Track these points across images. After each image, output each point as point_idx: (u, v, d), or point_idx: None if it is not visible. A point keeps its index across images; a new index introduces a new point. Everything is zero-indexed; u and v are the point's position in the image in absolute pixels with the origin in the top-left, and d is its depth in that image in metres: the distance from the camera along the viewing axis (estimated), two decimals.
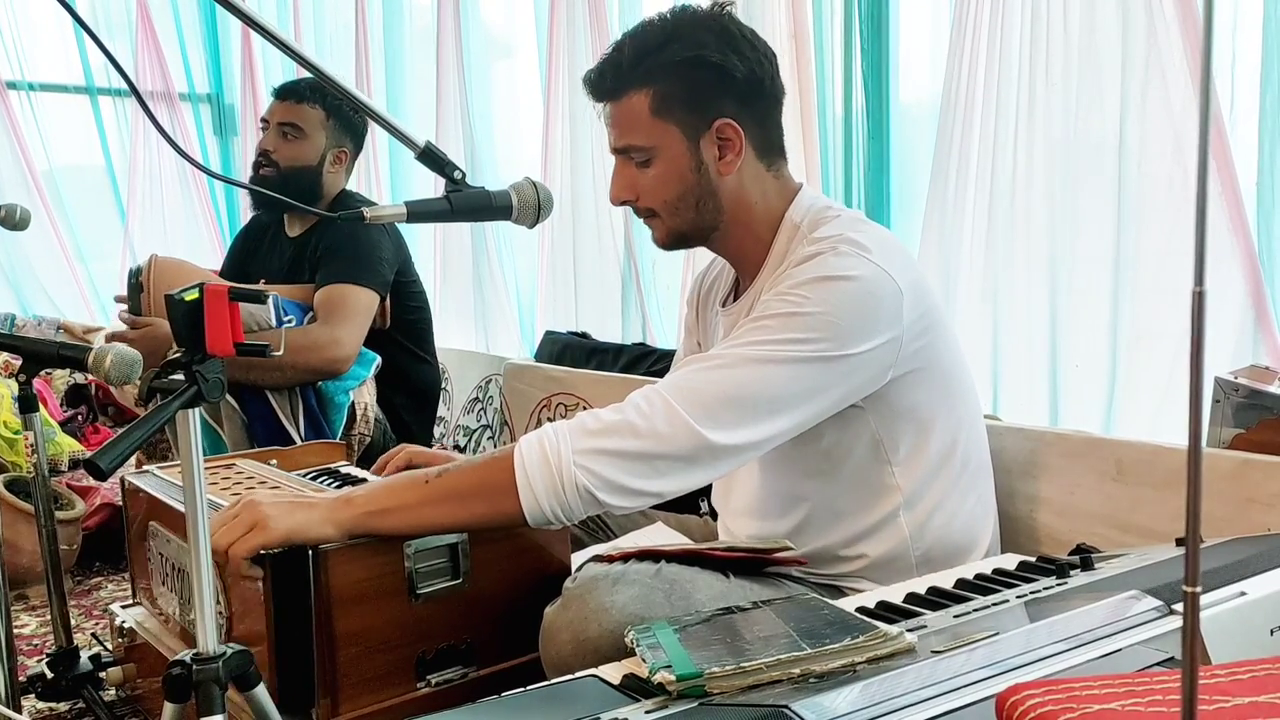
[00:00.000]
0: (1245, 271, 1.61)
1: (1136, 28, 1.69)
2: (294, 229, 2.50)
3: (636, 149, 1.37)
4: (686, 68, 1.34)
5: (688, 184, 1.38)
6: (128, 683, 1.67)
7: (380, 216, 1.21)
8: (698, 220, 1.40)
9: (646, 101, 1.35)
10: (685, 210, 1.39)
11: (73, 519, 2.55)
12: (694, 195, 1.38)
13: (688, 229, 1.41)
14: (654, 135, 1.36)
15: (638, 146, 1.37)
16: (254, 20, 1.15)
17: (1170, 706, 0.58)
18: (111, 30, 4.60)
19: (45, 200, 4.38)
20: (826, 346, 1.24)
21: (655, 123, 1.35)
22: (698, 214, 1.39)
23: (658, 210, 1.40)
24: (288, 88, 2.46)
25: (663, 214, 1.40)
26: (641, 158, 1.37)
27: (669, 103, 1.35)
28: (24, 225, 2.00)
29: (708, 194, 1.39)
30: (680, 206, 1.39)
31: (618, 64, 1.36)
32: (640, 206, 1.41)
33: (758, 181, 1.41)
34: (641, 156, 1.37)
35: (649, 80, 1.34)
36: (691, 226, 1.41)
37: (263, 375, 2.11)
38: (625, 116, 1.37)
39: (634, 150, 1.37)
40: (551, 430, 1.23)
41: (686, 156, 1.37)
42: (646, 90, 1.35)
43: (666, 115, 1.35)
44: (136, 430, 0.99)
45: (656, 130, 1.36)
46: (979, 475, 1.46)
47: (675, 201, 1.39)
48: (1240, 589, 0.95)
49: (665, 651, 0.91)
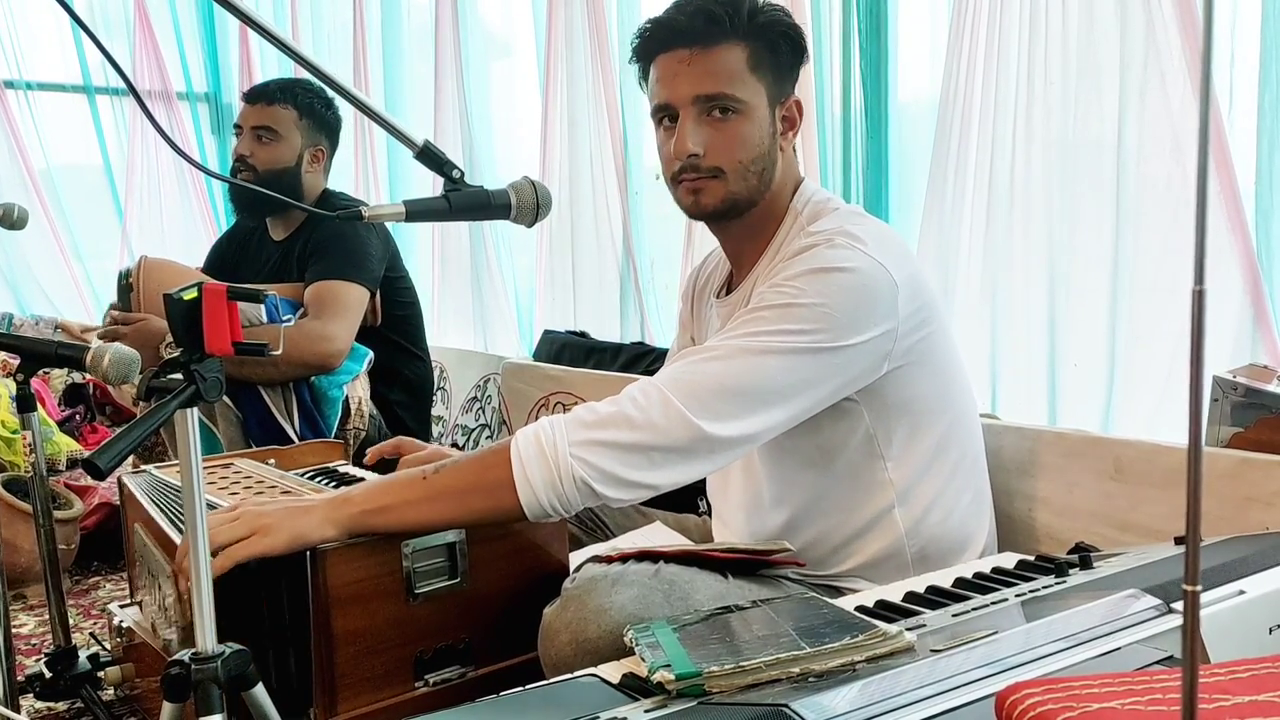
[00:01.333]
0: (1244, 270, 1.61)
1: (1135, 27, 1.69)
2: (278, 233, 2.50)
3: (731, 99, 1.34)
4: (778, 35, 1.36)
5: (762, 148, 1.37)
6: (126, 682, 1.67)
7: (379, 215, 1.20)
8: (757, 188, 1.39)
9: (744, 56, 1.35)
10: (752, 175, 1.38)
11: (71, 518, 2.54)
12: (763, 161, 1.38)
13: (744, 196, 1.38)
14: (749, 90, 1.35)
15: (733, 97, 1.34)
16: (252, 19, 1.15)
17: (1170, 705, 0.58)
18: (109, 29, 4.59)
19: (43, 199, 4.37)
20: (822, 338, 1.24)
21: (751, 78, 1.35)
22: (759, 181, 1.39)
23: (726, 169, 1.36)
24: (257, 91, 2.46)
25: (730, 174, 1.37)
26: (730, 108, 1.34)
27: (763, 63, 1.36)
28: (21, 224, 1.99)
29: (771, 163, 1.39)
30: (750, 170, 1.37)
31: (711, 13, 1.34)
32: (706, 164, 1.36)
33: (789, 161, 1.43)
34: (731, 107, 1.34)
35: (749, 36, 1.35)
36: (748, 194, 1.39)
37: (256, 371, 2.11)
38: (721, 65, 1.34)
39: (728, 100, 1.34)
40: (548, 423, 1.23)
41: (768, 120, 1.37)
42: (745, 45, 1.35)
43: (760, 75, 1.36)
44: (135, 429, 0.99)
45: (751, 86, 1.35)
46: (974, 471, 1.47)
47: (748, 163, 1.37)
48: (1239, 587, 0.95)
49: (664, 651, 0.91)
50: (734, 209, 1.39)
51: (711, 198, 1.38)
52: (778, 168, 1.40)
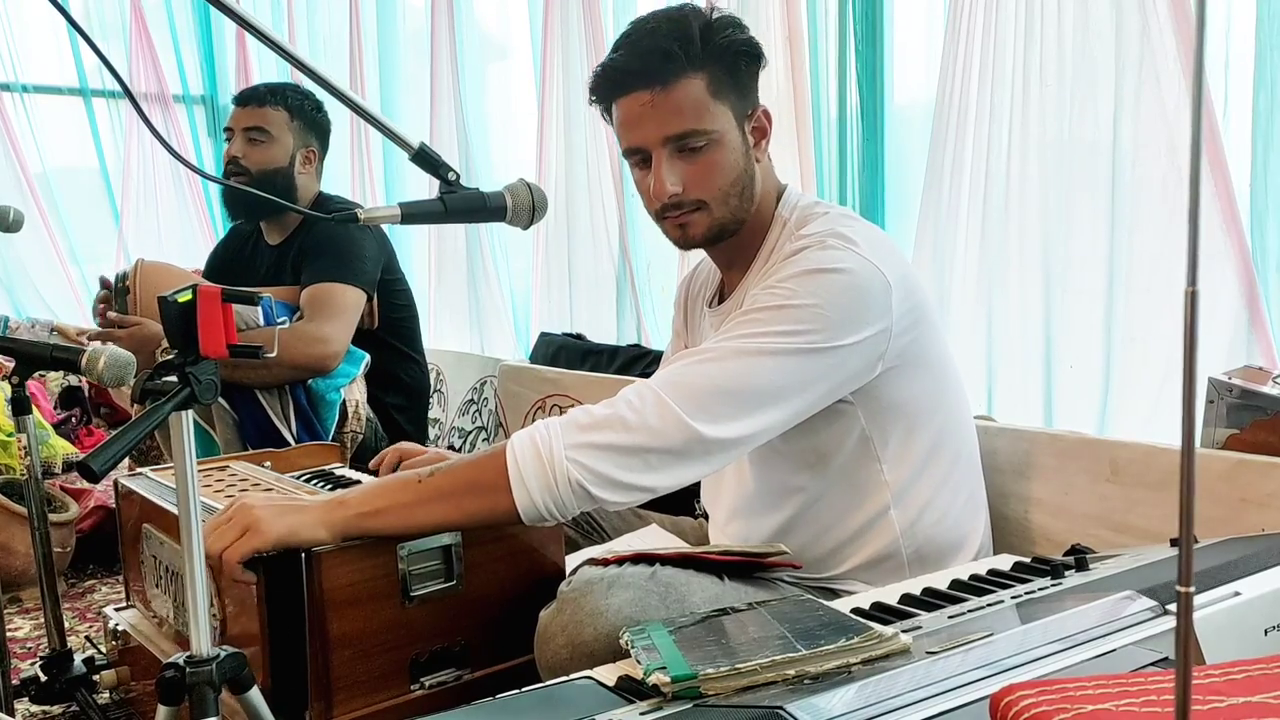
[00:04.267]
0: (1239, 272, 1.61)
1: (1130, 29, 1.70)
2: (273, 237, 2.49)
3: (699, 133, 1.33)
4: (732, 53, 1.34)
5: (739, 169, 1.36)
6: (121, 685, 1.67)
7: (375, 218, 1.20)
8: (740, 209, 1.38)
9: (704, 85, 1.32)
10: (734, 198, 1.37)
11: (66, 521, 2.54)
12: (743, 180, 1.37)
13: (730, 219, 1.38)
14: (716, 119, 1.33)
15: (701, 130, 1.33)
16: (248, 22, 1.15)
17: (1164, 707, 0.58)
18: (105, 32, 4.59)
19: (39, 202, 4.37)
20: (817, 338, 1.24)
21: (715, 106, 1.33)
22: (741, 201, 1.38)
23: (708, 200, 1.36)
24: (247, 93, 2.47)
25: (713, 204, 1.36)
26: (701, 142, 1.33)
27: (723, 86, 1.34)
28: (17, 227, 1.99)
29: (750, 179, 1.38)
30: (732, 194, 1.36)
31: (665, 51, 1.31)
32: (687, 199, 1.35)
33: (766, 170, 1.42)
34: (701, 141, 1.33)
35: (706, 64, 1.32)
36: (734, 216, 1.38)
37: (251, 374, 2.11)
38: (684, 101, 1.32)
39: (696, 135, 1.33)
40: (543, 426, 1.23)
41: (740, 140, 1.36)
42: (702, 74, 1.32)
43: (723, 99, 1.34)
44: (129, 432, 0.98)
45: (717, 114, 1.33)
46: (969, 471, 1.47)
47: (729, 188, 1.36)
48: (1235, 589, 0.95)
49: (660, 653, 0.91)
50: (722, 235, 1.40)
51: (698, 229, 1.38)
52: (757, 181, 1.39)
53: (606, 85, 1.37)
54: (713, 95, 1.33)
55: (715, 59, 1.33)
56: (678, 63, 1.31)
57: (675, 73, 1.31)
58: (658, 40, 1.32)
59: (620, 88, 1.35)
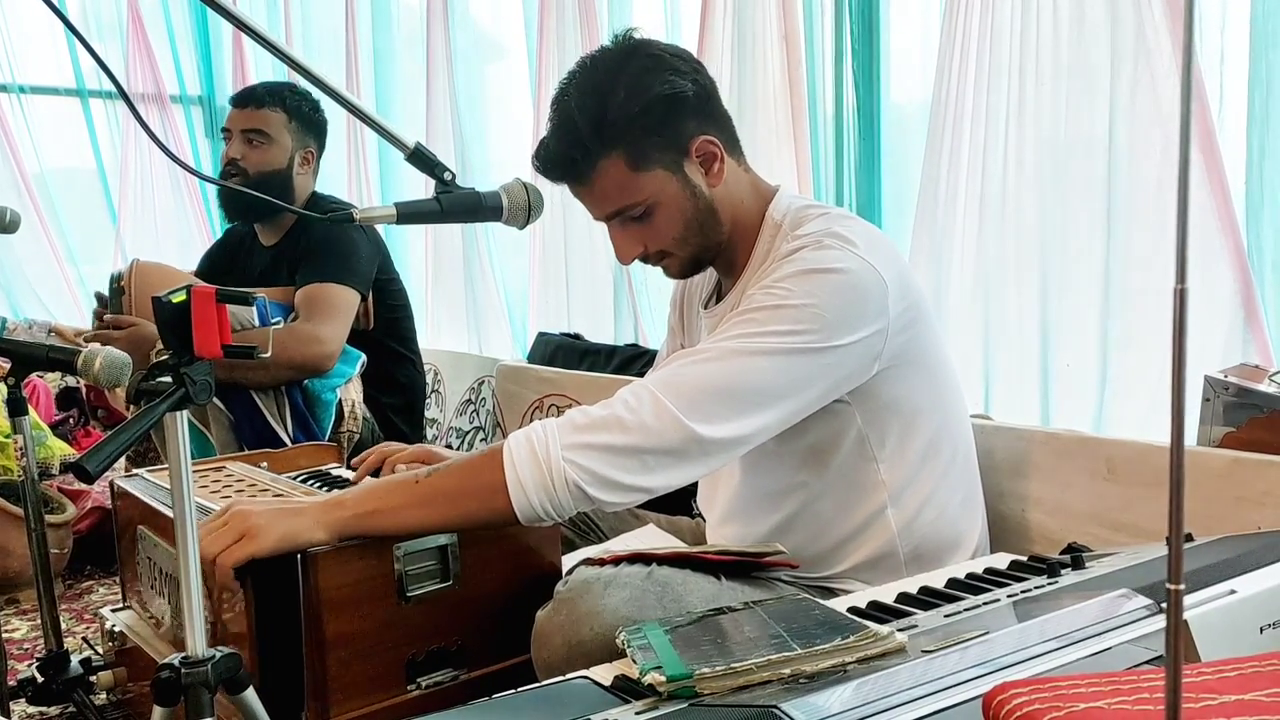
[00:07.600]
0: (1234, 270, 1.61)
1: (1125, 28, 1.70)
2: (268, 238, 2.49)
3: (632, 208, 1.35)
4: (643, 114, 1.31)
5: (689, 214, 1.37)
6: (118, 686, 1.66)
7: (371, 217, 1.20)
8: (706, 241, 1.40)
9: (622, 163, 1.32)
10: (694, 236, 1.38)
11: (63, 522, 2.54)
12: (697, 221, 1.38)
13: (700, 251, 1.41)
14: (645, 189, 1.34)
15: (633, 205, 1.35)
16: (244, 23, 1.15)
17: (1157, 704, 0.58)
18: (102, 32, 4.59)
19: (36, 203, 4.37)
20: (814, 338, 1.24)
21: (640, 176, 1.33)
22: (704, 235, 1.39)
23: (669, 249, 1.39)
24: (245, 95, 2.46)
25: (675, 249, 1.39)
26: (638, 211, 1.35)
27: (644, 152, 1.32)
28: (14, 228, 1.98)
29: (708, 213, 1.38)
30: (689, 235, 1.38)
31: (566, 157, 1.33)
32: (651, 254, 1.40)
33: (738, 180, 1.41)
34: (639, 210, 1.35)
35: (615, 144, 1.31)
36: (702, 249, 1.40)
37: (247, 375, 2.10)
38: (608, 185, 1.34)
39: (631, 208, 1.35)
40: (540, 427, 1.23)
41: (680, 190, 1.36)
42: (617, 154, 1.32)
43: (646, 165, 1.33)
44: (124, 433, 0.98)
45: (644, 182, 1.33)
46: (965, 470, 1.47)
47: (684, 234, 1.38)
48: (1230, 587, 0.95)
49: (656, 652, 0.91)
50: (700, 264, 1.44)
51: (674, 269, 1.44)
52: (720, 207, 1.39)
53: (542, 171, 1.39)
54: (633, 168, 1.33)
55: (621, 137, 1.31)
56: (586, 159, 1.32)
57: (588, 168, 1.33)
58: (561, 146, 1.33)
59: (550, 177, 1.38)
